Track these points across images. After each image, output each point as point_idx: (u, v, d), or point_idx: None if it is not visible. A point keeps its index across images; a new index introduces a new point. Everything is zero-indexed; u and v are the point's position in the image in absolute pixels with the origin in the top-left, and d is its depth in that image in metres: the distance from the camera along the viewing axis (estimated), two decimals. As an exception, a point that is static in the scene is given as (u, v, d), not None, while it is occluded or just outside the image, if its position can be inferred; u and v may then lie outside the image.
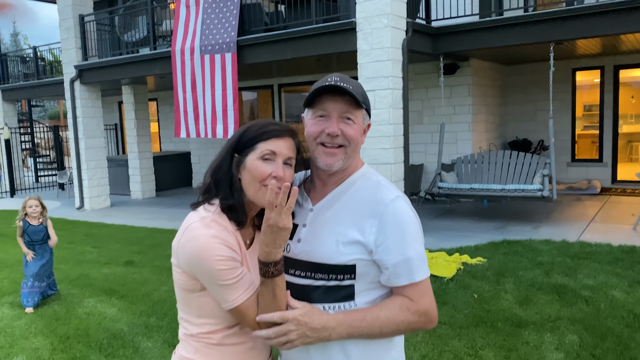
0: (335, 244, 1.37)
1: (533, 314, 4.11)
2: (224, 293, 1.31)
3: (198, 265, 1.31)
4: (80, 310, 4.57)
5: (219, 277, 1.30)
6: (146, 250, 6.72)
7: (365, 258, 1.36)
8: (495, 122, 10.70)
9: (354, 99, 1.36)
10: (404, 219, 1.36)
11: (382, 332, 1.34)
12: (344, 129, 1.38)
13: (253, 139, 1.38)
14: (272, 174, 1.34)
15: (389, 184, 1.44)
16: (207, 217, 1.35)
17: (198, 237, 1.31)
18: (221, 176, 1.40)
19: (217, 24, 8.44)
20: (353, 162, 1.45)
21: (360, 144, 1.44)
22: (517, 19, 7.20)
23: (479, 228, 7.34)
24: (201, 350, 1.41)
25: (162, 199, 11.74)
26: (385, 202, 1.37)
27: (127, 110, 12.22)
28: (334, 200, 1.43)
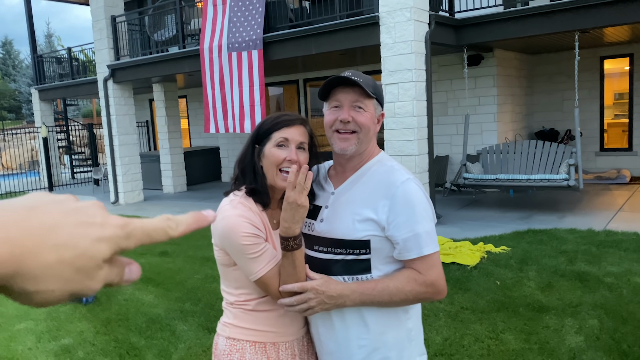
0: (352, 222, 1.55)
1: (555, 299, 4.20)
2: (249, 265, 1.52)
3: (227, 241, 1.52)
4: (120, 297, 4.86)
5: (244, 251, 1.50)
6: (179, 241, 7.00)
7: (378, 234, 1.53)
8: (521, 112, 10.65)
9: (364, 89, 1.54)
10: (413, 199, 1.51)
11: (392, 300, 1.51)
12: (355, 116, 1.55)
13: (268, 129, 1.58)
14: (287, 158, 1.54)
15: (402, 169, 1.60)
16: (234, 200, 1.57)
17: (227, 217, 1.52)
18: (246, 165, 1.62)
19: (244, 21, 8.65)
20: (369, 149, 1.62)
21: (373, 131, 1.60)
22: (542, 8, 7.18)
23: (504, 218, 7.39)
24: (239, 315, 1.62)
25: (192, 192, 12.09)
26: (397, 184, 1.53)
27: (157, 107, 12.58)
28: (352, 184, 1.62)
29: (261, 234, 1.54)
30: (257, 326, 1.61)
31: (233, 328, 1.62)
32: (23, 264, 0.39)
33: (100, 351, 3.74)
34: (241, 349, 1.60)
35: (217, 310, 4.35)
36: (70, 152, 17.15)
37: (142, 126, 16.27)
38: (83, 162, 17.53)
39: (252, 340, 1.61)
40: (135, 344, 3.81)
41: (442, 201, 8.90)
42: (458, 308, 4.15)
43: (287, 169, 1.54)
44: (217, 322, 4.01)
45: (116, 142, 11.12)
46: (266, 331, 1.61)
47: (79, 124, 18.70)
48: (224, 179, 13.95)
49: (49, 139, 15.15)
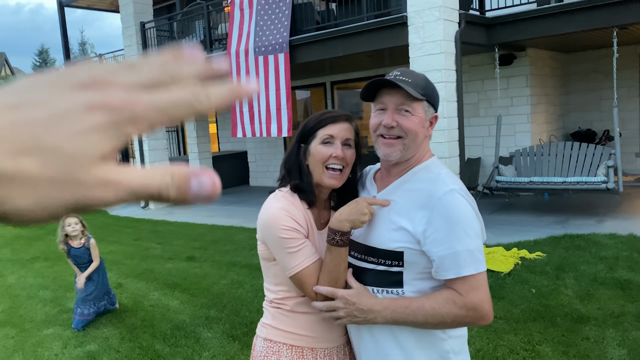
0: (386, 230, 1.45)
1: (595, 309, 3.98)
2: (286, 260, 1.47)
3: (267, 233, 1.50)
4: (146, 303, 4.84)
5: (282, 244, 1.46)
6: (207, 246, 6.99)
7: (413, 247, 1.40)
8: (555, 112, 10.31)
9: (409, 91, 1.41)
10: (456, 212, 1.37)
11: (427, 321, 1.37)
12: (400, 121, 1.43)
13: (313, 127, 1.56)
14: (333, 154, 1.50)
15: (449, 177, 1.45)
16: (279, 193, 1.57)
17: (269, 208, 1.52)
18: (291, 164, 1.59)
19: (270, 25, 8.62)
20: (417, 153, 1.50)
21: (423, 135, 1.47)
22: (578, 4, 6.91)
23: (539, 222, 7.13)
24: (277, 317, 1.57)
25: (221, 197, 12.12)
26: (438, 195, 1.39)
27: (186, 112, 12.67)
28: (394, 190, 1.50)
29: (301, 229, 1.50)
30: (295, 329, 1.55)
31: (271, 329, 1.58)
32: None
33: (125, 358, 3.71)
34: (277, 351, 1.55)
35: (242, 317, 4.29)
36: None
37: (172, 131, 16.46)
38: (115, 166, 17.85)
39: (289, 343, 1.55)
40: (160, 352, 3.77)
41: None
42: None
43: (334, 166, 1.50)
44: (241, 329, 3.92)
45: (146, 147, 11.24)
46: (304, 335, 1.55)
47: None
48: (252, 183, 13.95)
49: (82, 144, 15.44)
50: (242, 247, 6.76)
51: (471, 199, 1.42)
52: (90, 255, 4.40)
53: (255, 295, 4.83)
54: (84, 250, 4.36)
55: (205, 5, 9.93)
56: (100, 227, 9.23)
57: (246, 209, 9.88)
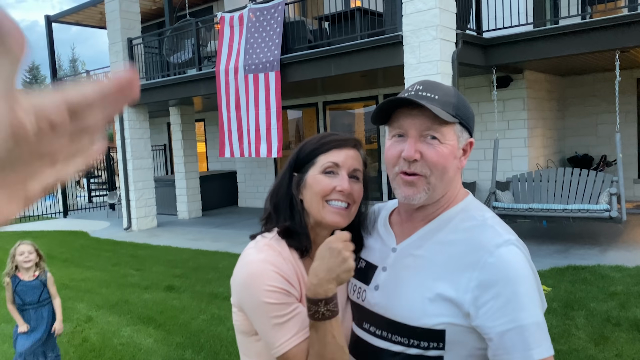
0: (420, 299, 1.06)
1: (613, 356, 3.61)
2: (271, 334, 1.09)
3: (246, 296, 1.12)
4: (116, 341, 4.39)
5: (267, 312, 1.09)
6: (188, 274, 6.55)
7: (458, 323, 1.02)
8: (552, 137, 10.07)
9: (437, 113, 1.05)
10: (516, 273, 1.00)
11: None
12: (426, 152, 1.07)
13: (312, 152, 1.21)
14: (337, 187, 1.16)
15: (499, 224, 1.09)
16: (261, 241, 1.19)
17: (248, 263, 1.14)
18: (280, 198, 1.23)
19: (261, 42, 8.32)
20: (449, 192, 1.13)
21: (455, 169, 1.11)
22: (577, 26, 6.70)
23: (539, 251, 6.79)
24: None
25: (208, 218, 11.69)
26: (490, 249, 1.02)
27: (174, 131, 12.32)
28: (422, 241, 1.12)
29: (293, 291, 1.13)
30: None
31: None
32: None
33: (85, 410, 3.27)
34: None
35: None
36: (88, 175, 17.02)
37: (159, 150, 16.06)
38: (100, 186, 17.37)
39: None
40: (125, 402, 3.33)
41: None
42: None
43: (337, 203, 1.16)
44: (218, 377, 3.46)
45: (130, 166, 10.82)
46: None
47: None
48: (241, 204, 13.54)
49: (66, 162, 14.98)
50: (226, 276, 6.32)
51: (528, 253, 1.06)
52: (43, 292, 3.50)
53: (237, 332, 4.41)
54: (37, 283, 3.47)
55: (194, 22, 9.65)
56: (79, 250, 8.77)
57: (233, 232, 9.45)
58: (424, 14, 6.40)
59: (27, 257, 3.48)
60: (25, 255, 3.47)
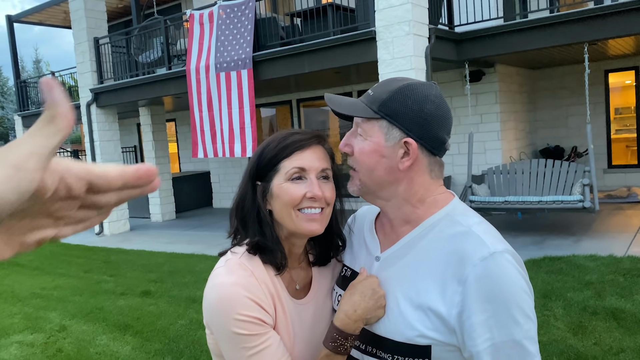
0: (402, 313, 1.00)
1: (591, 344, 3.65)
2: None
3: (216, 322, 1.04)
4: (92, 350, 4.25)
5: (236, 343, 1.01)
6: (164, 278, 6.41)
7: (444, 339, 0.97)
8: (524, 129, 10.21)
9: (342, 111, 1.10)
10: (503, 287, 0.93)
11: None
12: (354, 144, 1.09)
13: (273, 158, 1.10)
14: (307, 194, 1.07)
15: (487, 231, 1.01)
16: (232, 260, 1.08)
17: (217, 286, 1.04)
18: (247, 212, 1.11)
19: (232, 40, 8.19)
20: (421, 196, 1.06)
21: (384, 169, 1.04)
22: (545, 20, 6.78)
23: (515, 243, 6.86)
24: None
25: (182, 220, 11.49)
26: (474, 261, 0.95)
27: (144, 132, 12.07)
28: (406, 250, 1.06)
29: (267, 318, 1.04)
30: None
31: None
32: None
33: None
34: None
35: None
36: (56, 179, 16.58)
37: (129, 151, 15.73)
38: (70, 189, 16.95)
39: None
40: (103, 415, 3.21)
41: (446, 225, 8.37)
42: (481, 358, 3.58)
43: (310, 210, 1.07)
44: (200, 385, 3.37)
45: (100, 169, 10.55)
46: None
47: (64, 151, 18.15)
48: (216, 204, 13.36)
49: (33, 166, 14.55)
50: (203, 279, 6.20)
51: (519, 263, 0.98)
52: None
53: (217, 336, 4.32)
54: None
55: (163, 20, 9.44)
56: (49, 257, 8.51)
57: (209, 234, 9.31)
58: (397, 9, 6.39)
59: None
60: None
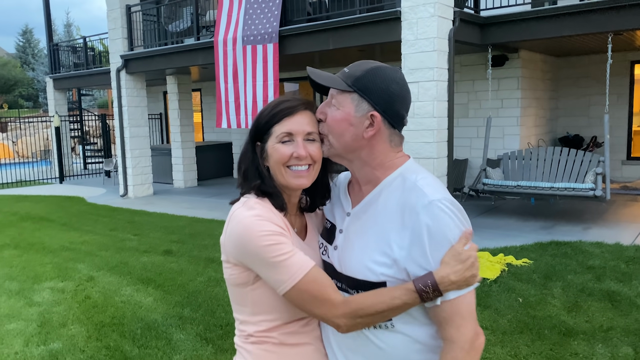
0: (364, 257, 1.23)
1: (583, 322, 3.86)
2: (276, 273, 1.19)
3: (245, 249, 1.22)
4: (117, 299, 4.61)
5: (268, 255, 1.19)
6: (185, 240, 6.76)
7: (397, 277, 1.18)
8: (545, 116, 10.23)
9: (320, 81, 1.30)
10: (437, 229, 1.15)
11: None
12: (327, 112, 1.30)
13: (267, 123, 1.32)
14: (294, 154, 1.28)
15: (428, 184, 1.21)
16: (249, 200, 1.29)
17: (242, 219, 1.24)
18: (248, 167, 1.34)
19: (260, 14, 8.37)
20: (380, 160, 1.26)
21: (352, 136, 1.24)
22: (573, 7, 6.80)
23: (525, 227, 7.03)
24: (261, 355, 1.29)
25: (203, 188, 11.86)
26: (417, 209, 1.16)
27: (171, 100, 12.38)
28: (368, 205, 1.28)
29: (285, 233, 1.24)
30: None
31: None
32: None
33: (90, 359, 3.48)
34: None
35: (218, 318, 4.09)
36: (83, 142, 17.07)
37: (155, 118, 16.10)
38: (96, 152, 17.43)
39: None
40: (128, 353, 3.55)
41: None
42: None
43: (297, 168, 1.28)
44: (216, 331, 3.71)
45: (127, 134, 10.92)
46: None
47: (93, 115, 18.61)
48: (236, 175, 13.68)
49: (62, 128, 15.04)
50: (222, 242, 6.55)
51: (455, 208, 1.18)
52: None
53: (233, 294, 4.63)
54: None
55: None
56: (76, 214, 8.94)
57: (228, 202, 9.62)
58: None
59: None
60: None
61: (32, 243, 6.86)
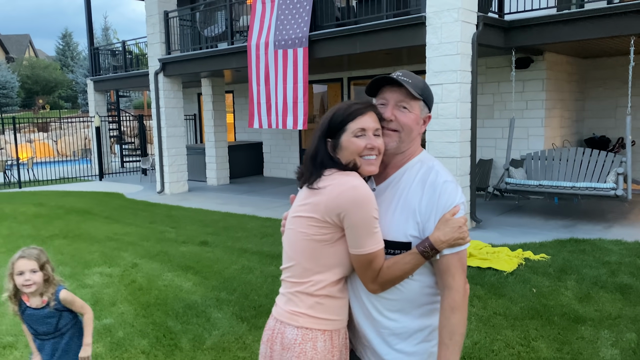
0: (392, 222, 1.60)
1: (592, 310, 4.10)
2: (365, 238, 1.54)
3: (357, 210, 1.52)
4: (160, 283, 5.05)
5: (370, 223, 1.53)
6: (219, 232, 7.20)
7: (420, 236, 1.58)
8: (570, 118, 10.34)
9: (410, 90, 1.60)
10: (447, 200, 1.57)
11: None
12: (398, 116, 1.62)
13: (342, 121, 1.61)
14: (367, 145, 1.59)
15: (442, 169, 1.64)
16: (350, 173, 1.59)
17: (359, 186, 1.54)
18: (322, 158, 1.62)
19: (291, 19, 8.77)
20: (411, 149, 1.66)
21: (417, 132, 1.66)
22: (597, 11, 6.94)
23: (546, 225, 7.22)
24: (314, 306, 1.62)
25: (235, 185, 12.34)
26: (434, 186, 1.58)
27: (205, 101, 12.91)
28: (393, 182, 1.66)
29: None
30: (330, 315, 1.64)
31: (307, 318, 1.63)
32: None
33: (139, 332, 3.91)
34: (313, 338, 1.62)
35: (251, 301, 4.48)
36: (120, 141, 17.81)
37: (189, 119, 16.71)
38: (132, 151, 18.16)
39: (323, 329, 1.63)
40: (172, 328, 3.97)
41: (483, 205, 8.76)
42: (490, 313, 4.11)
43: (369, 157, 1.59)
44: (250, 312, 4.10)
45: (164, 133, 11.48)
46: (335, 320, 1.65)
47: (130, 115, 19.37)
48: (266, 173, 14.16)
49: (102, 128, 15.77)
50: (254, 235, 6.96)
51: (459, 188, 1.63)
52: (61, 319, 2.55)
53: (265, 281, 5.02)
54: (49, 312, 2.51)
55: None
56: (117, 209, 9.50)
57: (259, 199, 10.08)
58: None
59: (28, 279, 2.45)
60: (26, 277, 2.45)
61: (78, 234, 7.41)
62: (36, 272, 2.47)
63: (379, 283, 1.58)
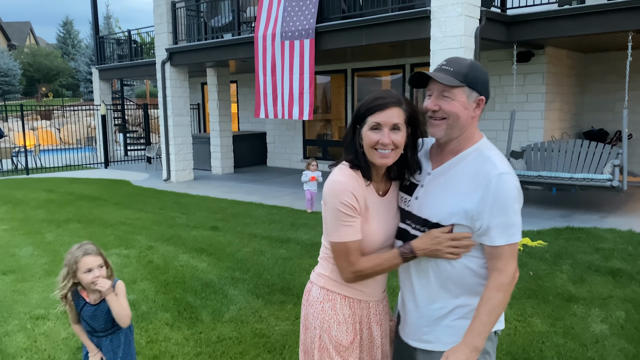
0: (440, 205, 1.68)
1: (585, 291, 4.37)
2: (332, 229, 1.71)
3: (328, 200, 1.72)
4: (176, 263, 5.31)
5: (336, 216, 1.69)
6: (228, 218, 7.45)
7: (464, 223, 1.64)
8: (570, 111, 10.58)
9: (441, 82, 1.64)
10: (504, 193, 1.59)
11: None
12: (442, 105, 1.66)
13: (363, 113, 1.71)
14: (380, 141, 1.67)
15: (500, 160, 1.64)
16: (344, 168, 1.76)
17: (335, 181, 1.72)
18: (348, 144, 1.78)
19: (298, 11, 8.97)
20: (466, 134, 1.69)
21: (466, 117, 1.66)
22: (597, 7, 7.16)
23: (544, 215, 7.48)
24: (336, 270, 1.82)
25: (239, 174, 12.59)
26: (490, 177, 1.60)
27: (210, 91, 13.11)
28: (448, 168, 1.72)
29: (357, 207, 1.70)
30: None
31: (328, 280, 1.83)
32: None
33: (161, 307, 4.18)
34: (333, 299, 1.83)
35: (264, 280, 4.74)
36: (124, 130, 18.02)
37: (193, 108, 16.91)
38: (136, 140, 18.37)
39: (342, 294, 1.83)
40: (192, 303, 4.23)
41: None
42: (490, 293, 4.37)
43: (382, 150, 1.68)
44: (264, 289, 4.37)
45: (170, 122, 11.70)
46: (356, 289, 1.83)
47: (135, 104, 19.55)
48: (269, 163, 14.40)
49: (107, 116, 15.98)
50: (262, 221, 7.22)
51: (517, 181, 1.63)
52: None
53: (276, 262, 5.28)
54: (107, 308, 2.46)
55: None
56: (126, 196, 9.75)
57: (264, 187, 10.33)
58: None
59: (98, 275, 2.40)
60: (95, 274, 2.40)
61: (92, 219, 7.66)
62: (102, 267, 2.44)
63: (353, 273, 1.72)
